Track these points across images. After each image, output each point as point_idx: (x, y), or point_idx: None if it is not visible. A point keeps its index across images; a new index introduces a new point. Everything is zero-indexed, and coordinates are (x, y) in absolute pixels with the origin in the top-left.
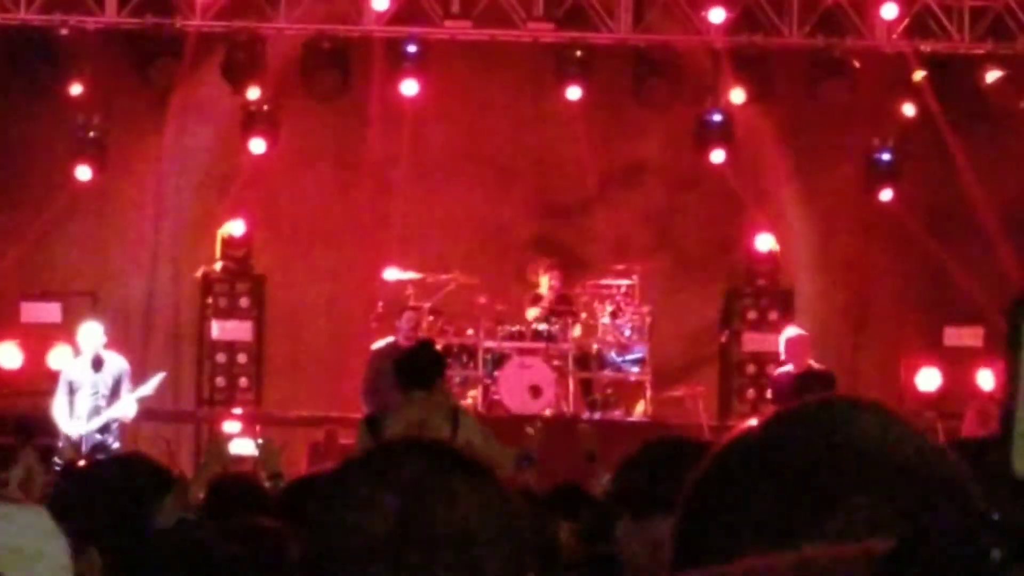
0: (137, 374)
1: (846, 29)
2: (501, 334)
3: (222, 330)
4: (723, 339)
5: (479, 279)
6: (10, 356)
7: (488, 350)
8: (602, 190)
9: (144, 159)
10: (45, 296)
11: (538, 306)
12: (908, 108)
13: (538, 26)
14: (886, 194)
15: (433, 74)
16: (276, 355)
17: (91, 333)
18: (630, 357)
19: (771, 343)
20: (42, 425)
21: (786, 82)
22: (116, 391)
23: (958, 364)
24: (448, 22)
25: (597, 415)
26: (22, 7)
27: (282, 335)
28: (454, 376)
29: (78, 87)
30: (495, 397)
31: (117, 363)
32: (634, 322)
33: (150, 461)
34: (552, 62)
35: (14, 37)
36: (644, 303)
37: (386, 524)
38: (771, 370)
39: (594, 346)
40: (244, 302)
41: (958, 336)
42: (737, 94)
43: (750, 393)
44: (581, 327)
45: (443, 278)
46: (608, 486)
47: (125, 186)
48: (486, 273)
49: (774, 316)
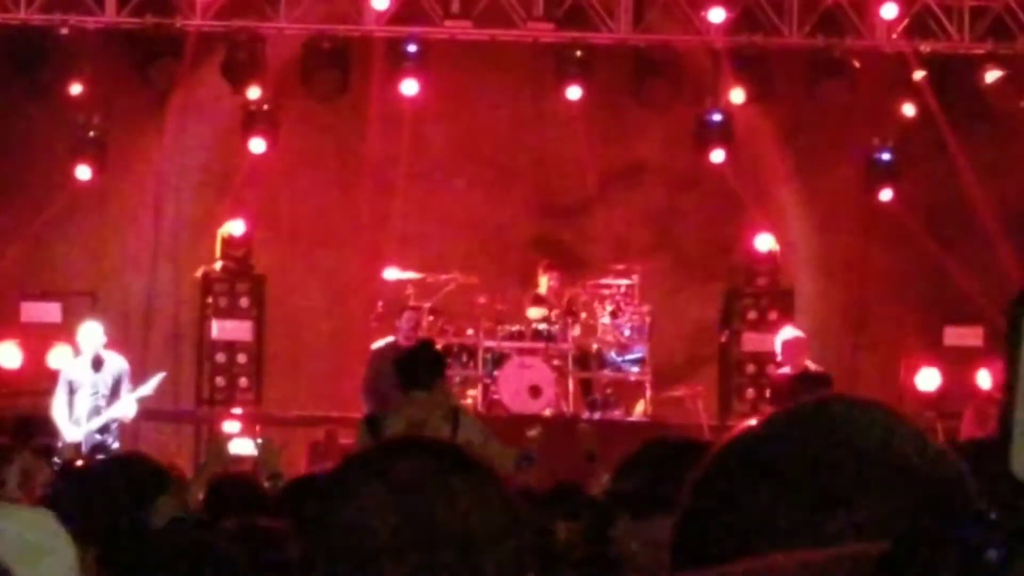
0: (137, 374)
1: (846, 29)
2: (501, 334)
3: (222, 330)
4: (723, 339)
5: (479, 279)
6: (10, 356)
7: (488, 350)
8: (602, 190)
9: (144, 159)
10: (45, 296)
11: (540, 306)
12: (908, 108)
13: (538, 26)
14: (886, 194)
15: (433, 74)
16: (276, 355)
17: (91, 333)
18: (630, 357)
19: (771, 343)
20: (42, 425)
21: (786, 82)
22: (116, 391)
23: (958, 364)
24: (448, 22)
25: (597, 415)
26: (22, 7)
27: (282, 335)
28: (454, 376)
29: (78, 87)
30: (495, 397)
31: (117, 363)
32: (634, 322)
33: (148, 461)
34: (552, 62)
35: (14, 37)
36: (644, 303)
37: (386, 523)
38: (771, 370)
39: (594, 346)
40: (244, 302)
41: (958, 336)
42: (737, 94)
43: (750, 393)
44: (581, 327)
45: (443, 278)
46: (608, 486)
47: (125, 186)
48: (486, 273)
49: (774, 316)
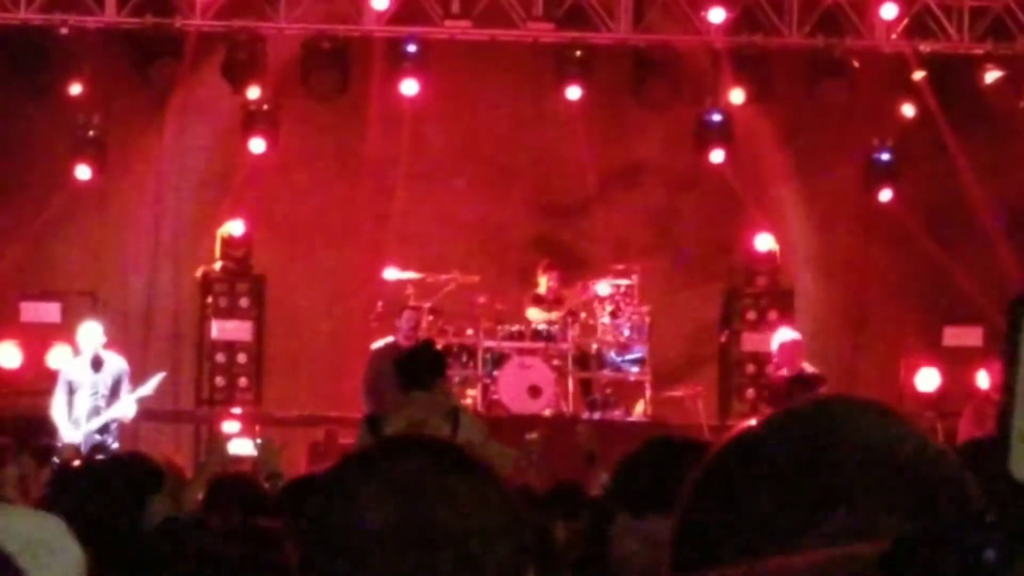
0: (137, 374)
1: (846, 29)
2: (501, 334)
3: (222, 330)
4: (723, 339)
5: (479, 279)
6: (10, 356)
7: (488, 350)
8: (602, 190)
9: (144, 159)
10: (45, 296)
11: (539, 306)
12: (908, 108)
13: (538, 26)
14: (886, 194)
15: (433, 74)
16: (276, 355)
17: (91, 333)
18: (630, 357)
19: (770, 343)
20: (41, 425)
21: (786, 82)
22: (116, 391)
23: (957, 364)
24: (448, 22)
25: (597, 415)
26: (22, 7)
27: (282, 335)
28: (454, 376)
29: (78, 87)
30: (495, 397)
31: (117, 363)
32: (634, 322)
33: (145, 461)
34: (552, 62)
35: (14, 37)
36: (644, 303)
37: (385, 522)
38: (768, 372)
39: (594, 346)
40: (244, 302)
41: (958, 336)
42: (737, 94)
43: (750, 393)
44: (580, 327)
45: (443, 278)
46: (607, 486)
47: (125, 186)
48: (486, 273)
49: (774, 316)
